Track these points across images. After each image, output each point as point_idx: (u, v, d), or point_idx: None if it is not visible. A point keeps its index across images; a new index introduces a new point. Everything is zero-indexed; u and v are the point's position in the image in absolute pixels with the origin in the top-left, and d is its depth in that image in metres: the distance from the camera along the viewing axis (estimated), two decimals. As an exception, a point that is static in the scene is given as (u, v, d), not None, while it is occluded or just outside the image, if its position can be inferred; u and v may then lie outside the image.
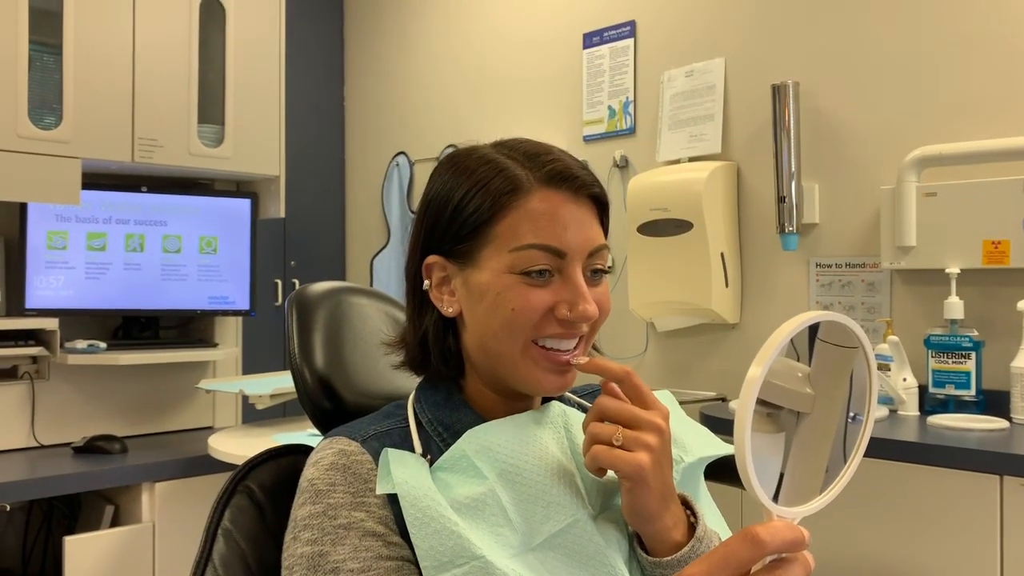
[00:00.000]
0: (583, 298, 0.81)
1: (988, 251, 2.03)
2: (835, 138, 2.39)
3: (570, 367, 0.84)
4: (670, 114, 2.75)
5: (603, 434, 0.77)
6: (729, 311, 2.56)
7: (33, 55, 2.27)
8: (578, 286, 0.82)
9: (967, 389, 2.03)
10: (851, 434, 0.72)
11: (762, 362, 0.64)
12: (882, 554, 1.80)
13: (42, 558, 2.50)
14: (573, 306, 0.81)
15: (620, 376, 0.79)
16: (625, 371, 0.80)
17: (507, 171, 0.83)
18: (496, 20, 3.34)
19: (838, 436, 0.71)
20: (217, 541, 0.92)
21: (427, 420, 0.87)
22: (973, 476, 1.68)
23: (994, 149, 2.04)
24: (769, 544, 0.62)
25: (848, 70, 2.36)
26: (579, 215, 0.84)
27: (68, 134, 2.29)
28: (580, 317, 0.81)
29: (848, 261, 2.36)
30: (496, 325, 0.82)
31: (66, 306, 2.46)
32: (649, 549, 0.81)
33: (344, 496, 0.79)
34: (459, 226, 0.84)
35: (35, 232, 2.42)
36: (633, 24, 2.87)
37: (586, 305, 0.81)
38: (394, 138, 3.76)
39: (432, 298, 0.87)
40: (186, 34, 2.51)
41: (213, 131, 2.59)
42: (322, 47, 3.95)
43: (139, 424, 2.65)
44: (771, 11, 2.53)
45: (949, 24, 2.19)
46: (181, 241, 2.63)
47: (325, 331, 1.04)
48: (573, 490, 0.82)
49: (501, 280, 0.82)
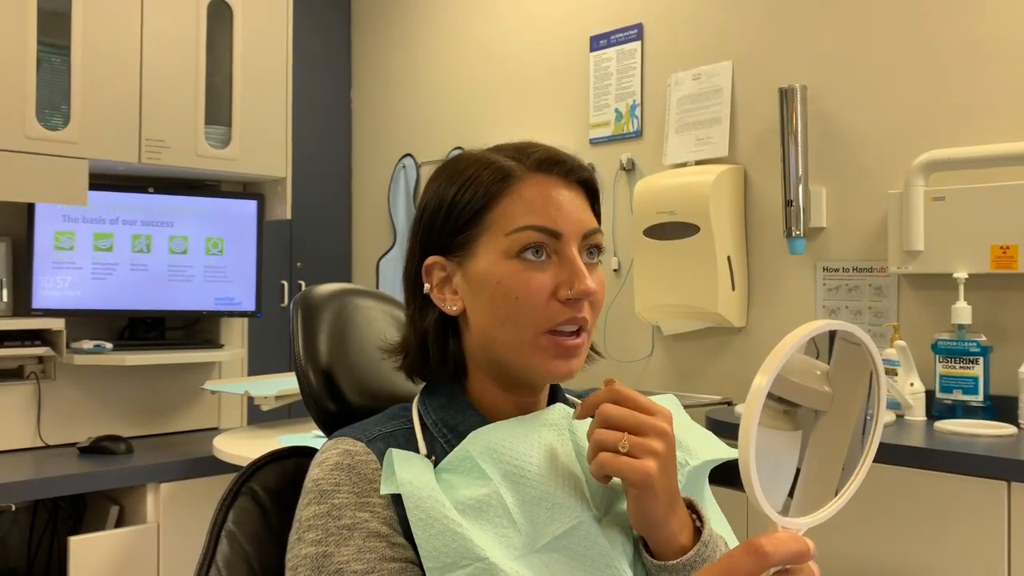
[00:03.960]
0: (581, 275, 0.82)
1: (996, 256, 2.02)
2: (842, 142, 2.38)
3: (577, 351, 0.84)
4: (677, 117, 2.74)
5: (609, 441, 0.77)
6: (735, 315, 2.55)
7: (41, 56, 2.27)
8: (575, 264, 0.82)
9: (975, 394, 2.02)
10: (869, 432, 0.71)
11: (768, 372, 0.63)
12: (888, 560, 1.79)
13: (47, 558, 2.50)
14: (572, 284, 0.82)
15: (608, 397, 0.79)
16: (608, 390, 0.80)
17: (496, 163, 0.85)
18: (503, 22, 3.34)
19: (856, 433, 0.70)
20: (221, 542, 0.92)
21: (431, 421, 0.87)
22: (981, 482, 1.67)
23: (1002, 153, 2.03)
24: (773, 556, 0.61)
25: (856, 74, 2.36)
26: (571, 198, 0.85)
27: (75, 135, 2.30)
28: (581, 294, 0.82)
29: (855, 265, 2.36)
30: (502, 315, 0.82)
31: (72, 306, 2.46)
32: (654, 553, 0.81)
33: (349, 496, 0.79)
34: (454, 220, 0.85)
35: (42, 232, 2.42)
36: (640, 27, 2.87)
37: (585, 282, 0.82)
38: (401, 140, 3.76)
39: (434, 299, 0.87)
40: (193, 35, 2.52)
41: (220, 132, 2.59)
42: (329, 49, 3.96)
43: (144, 425, 2.65)
44: (779, 14, 2.52)
45: (957, 28, 2.18)
46: (187, 242, 2.63)
47: (330, 333, 1.04)
48: (578, 492, 0.81)
49: (500, 267, 0.82)
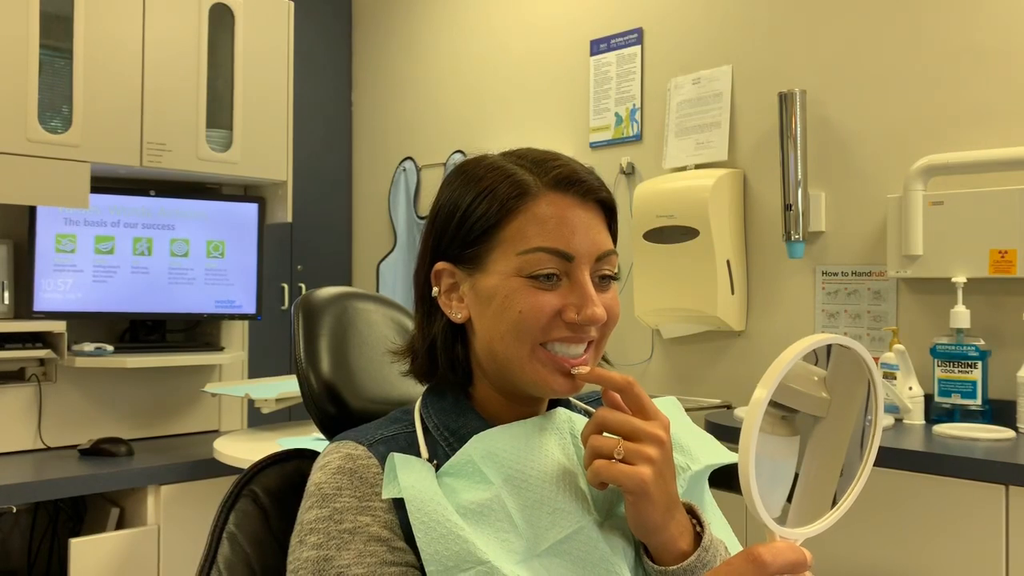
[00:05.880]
0: (591, 301, 0.81)
1: (995, 260, 2.02)
2: (842, 146, 2.39)
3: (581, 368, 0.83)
4: (677, 121, 2.75)
5: (604, 448, 0.77)
6: (735, 318, 2.55)
7: (44, 59, 2.28)
8: (586, 289, 0.81)
9: (973, 398, 2.02)
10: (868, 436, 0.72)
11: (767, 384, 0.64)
12: (886, 563, 1.79)
13: (47, 560, 2.50)
14: (581, 309, 0.81)
15: (622, 386, 0.79)
16: (627, 381, 0.79)
17: (514, 176, 0.84)
18: (504, 26, 3.34)
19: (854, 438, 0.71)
20: (222, 545, 0.93)
21: (433, 425, 0.87)
22: (979, 486, 1.67)
23: (1001, 158, 2.04)
24: (771, 565, 0.62)
25: (855, 78, 2.36)
26: (587, 219, 0.83)
27: (77, 138, 2.30)
28: (588, 320, 0.81)
29: (854, 269, 2.36)
30: (503, 328, 0.82)
31: (74, 309, 2.47)
32: (655, 558, 0.81)
33: (350, 500, 0.80)
34: (467, 231, 0.84)
35: (44, 235, 2.43)
36: (640, 31, 2.88)
37: (594, 308, 0.81)
38: (401, 143, 3.77)
39: (441, 304, 0.87)
40: (195, 39, 2.52)
41: (221, 136, 2.60)
42: (330, 53, 3.96)
43: (145, 427, 2.65)
44: (778, 19, 2.53)
45: (956, 33, 2.19)
46: (188, 245, 2.64)
47: (331, 336, 1.04)
48: (579, 497, 0.82)
49: (508, 283, 0.82)
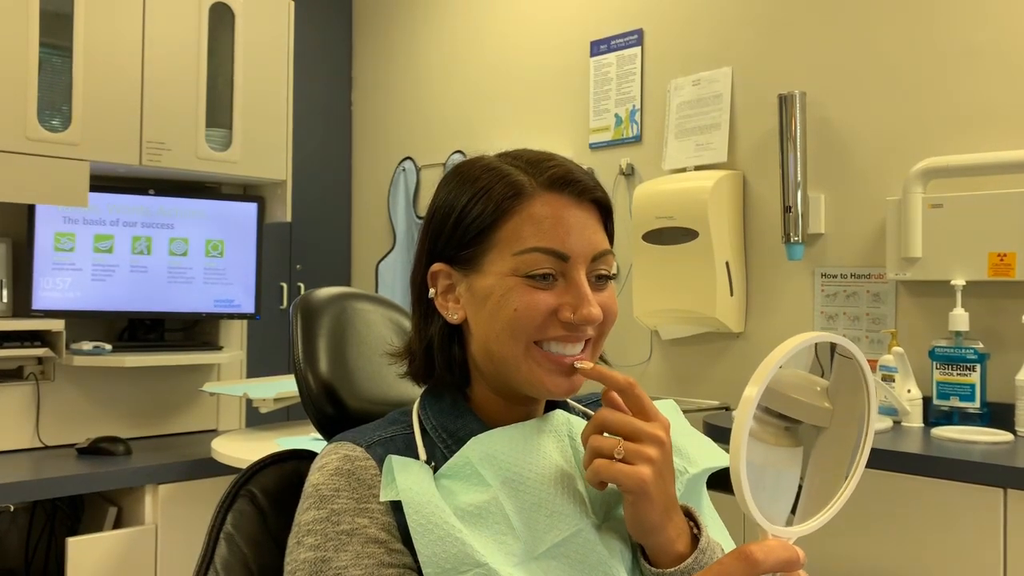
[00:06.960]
0: (586, 301, 0.81)
1: (994, 263, 2.03)
2: (841, 148, 2.39)
3: (576, 369, 0.83)
4: (676, 122, 2.75)
5: (604, 447, 0.77)
6: (734, 320, 2.55)
7: (43, 57, 2.28)
8: (581, 289, 0.81)
9: (972, 401, 2.02)
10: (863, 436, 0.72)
11: (758, 382, 0.63)
12: (884, 566, 1.79)
13: (45, 559, 2.50)
14: (576, 309, 0.81)
15: (623, 386, 0.79)
16: (628, 381, 0.79)
17: (509, 177, 0.84)
18: (504, 26, 3.34)
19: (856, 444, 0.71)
20: (219, 545, 0.93)
21: (431, 427, 0.87)
22: (977, 489, 1.67)
23: (1001, 161, 2.04)
24: (763, 563, 0.62)
25: (855, 81, 2.36)
26: (582, 219, 0.83)
27: (77, 136, 2.30)
28: (584, 320, 0.81)
29: (853, 271, 2.36)
30: (499, 327, 0.82)
31: (72, 307, 2.47)
32: (652, 560, 0.81)
33: (348, 502, 0.80)
34: (463, 232, 0.84)
35: (42, 234, 2.43)
36: (640, 32, 2.88)
37: (590, 308, 0.80)
38: (401, 143, 3.77)
39: (437, 306, 0.87)
40: (195, 38, 2.52)
41: (221, 135, 2.59)
42: (330, 52, 3.96)
43: (143, 426, 2.65)
44: (778, 21, 2.53)
45: (956, 36, 2.19)
46: (187, 244, 2.63)
47: (329, 337, 1.04)
48: (577, 499, 0.82)
49: (504, 283, 0.82)
